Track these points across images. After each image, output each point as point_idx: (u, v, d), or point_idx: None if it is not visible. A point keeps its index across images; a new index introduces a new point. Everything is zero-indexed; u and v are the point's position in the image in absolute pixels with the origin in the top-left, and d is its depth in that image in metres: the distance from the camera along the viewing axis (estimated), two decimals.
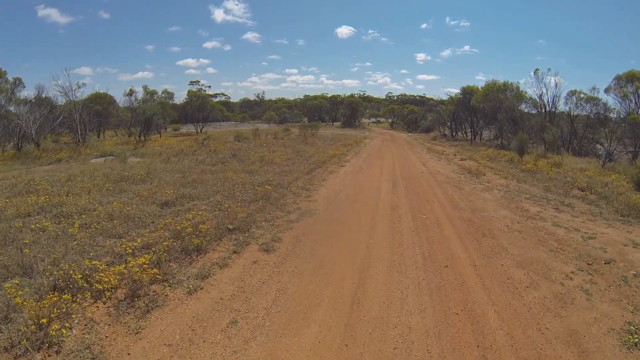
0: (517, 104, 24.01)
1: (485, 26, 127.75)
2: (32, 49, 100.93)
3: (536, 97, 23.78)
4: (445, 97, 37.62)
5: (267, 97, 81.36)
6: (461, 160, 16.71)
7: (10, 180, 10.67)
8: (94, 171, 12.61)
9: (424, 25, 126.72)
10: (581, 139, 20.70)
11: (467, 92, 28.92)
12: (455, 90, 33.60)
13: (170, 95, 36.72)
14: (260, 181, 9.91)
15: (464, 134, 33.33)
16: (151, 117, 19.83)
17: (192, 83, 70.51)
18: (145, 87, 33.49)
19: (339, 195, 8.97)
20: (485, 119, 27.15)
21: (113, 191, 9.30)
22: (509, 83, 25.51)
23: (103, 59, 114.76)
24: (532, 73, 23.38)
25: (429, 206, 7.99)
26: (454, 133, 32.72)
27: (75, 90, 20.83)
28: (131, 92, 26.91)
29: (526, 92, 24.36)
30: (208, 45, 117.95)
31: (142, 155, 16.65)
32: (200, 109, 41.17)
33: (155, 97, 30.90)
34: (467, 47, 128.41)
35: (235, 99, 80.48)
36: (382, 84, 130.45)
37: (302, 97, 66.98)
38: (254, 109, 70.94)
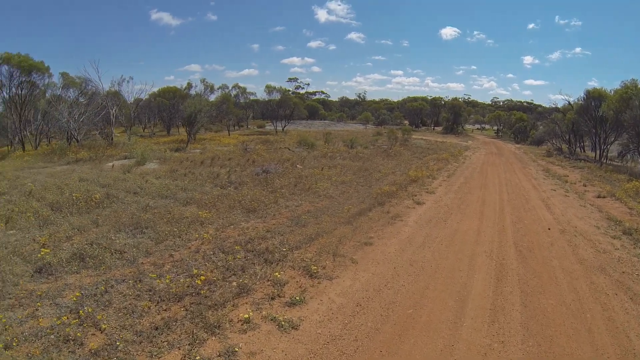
0: None
1: (599, 25, 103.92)
2: (145, 49, 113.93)
3: None
4: (560, 104, 29.38)
5: (370, 97, 77.26)
6: (598, 197, 10.44)
7: None
8: (80, 181, 9.96)
9: (531, 26, 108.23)
10: None
11: (593, 97, 21.63)
12: (571, 98, 25.10)
13: (242, 89, 34.73)
14: (243, 239, 5.43)
15: (582, 150, 25.86)
16: (194, 114, 17.08)
17: (290, 80, 70.40)
18: (203, 81, 31.60)
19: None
20: (619, 131, 19.34)
21: (33, 224, 6.11)
22: None
23: (211, 57, 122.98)
24: None
25: None
26: (573, 148, 24.16)
27: (119, 84, 19.22)
28: (189, 87, 25.04)
29: None
30: (312, 44, 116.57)
31: (164, 160, 13.71)
32: (281, 106, 38.62)
33: (217, 90, 28.74)
34: (578, 49, 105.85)
35: (337, 98, 77.88)
36: (487, 88, 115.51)
37: (403, 99, 61.28)
38: (354, 108, 67.65)
